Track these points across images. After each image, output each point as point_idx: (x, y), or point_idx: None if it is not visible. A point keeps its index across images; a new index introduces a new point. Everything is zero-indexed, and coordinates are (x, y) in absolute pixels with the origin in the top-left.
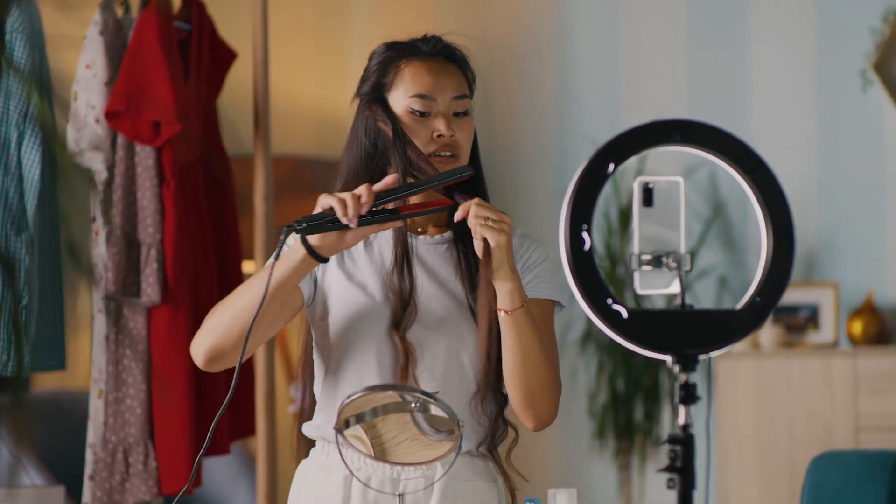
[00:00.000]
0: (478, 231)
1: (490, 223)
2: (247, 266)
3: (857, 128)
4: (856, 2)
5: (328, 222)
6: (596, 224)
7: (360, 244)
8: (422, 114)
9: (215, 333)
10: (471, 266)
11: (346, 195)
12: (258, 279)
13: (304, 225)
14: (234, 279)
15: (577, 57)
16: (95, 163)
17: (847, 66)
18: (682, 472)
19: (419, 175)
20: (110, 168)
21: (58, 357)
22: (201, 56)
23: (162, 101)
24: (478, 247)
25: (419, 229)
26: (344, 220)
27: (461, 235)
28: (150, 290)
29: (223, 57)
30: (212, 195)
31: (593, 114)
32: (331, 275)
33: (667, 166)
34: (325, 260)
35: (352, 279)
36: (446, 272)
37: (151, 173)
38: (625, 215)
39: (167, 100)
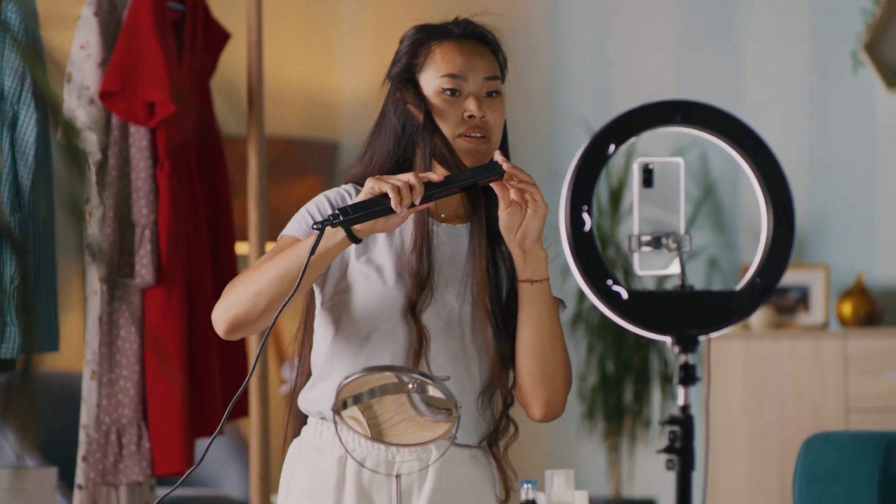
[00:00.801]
0: (522, 194)
1: (535, 192)
2: (240, 247)
3: (848, 109)
4: None
5: (374, 210)
6: None
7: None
8: (453, 93)
9: (240, 305)
10: (488, 260)
11: (400, 183)
12: (289, 255)
13: (350, 216)
14: (227, 260)
15: (567, 38)
16: (90, 144)
17: (838, 48)
18: (682, 453)
19: (444, 162)
20: (104, 149)
21: (51, 338)
22: (195, 36)
23: (156, 81)
24: (505, 220)
25: (442, 215)
26: (397, 209)
27: (480, 228)
28: (144, 270)
29: (217, 37)
30: (205, 176)
31: (584, 95)
32: (350, 250)
33: (656, 147)
34: (360, 241)
35: (370, 259)
36: (464, 263)
37: (145, 154)
38: (615, 196)
39: (161, 80)
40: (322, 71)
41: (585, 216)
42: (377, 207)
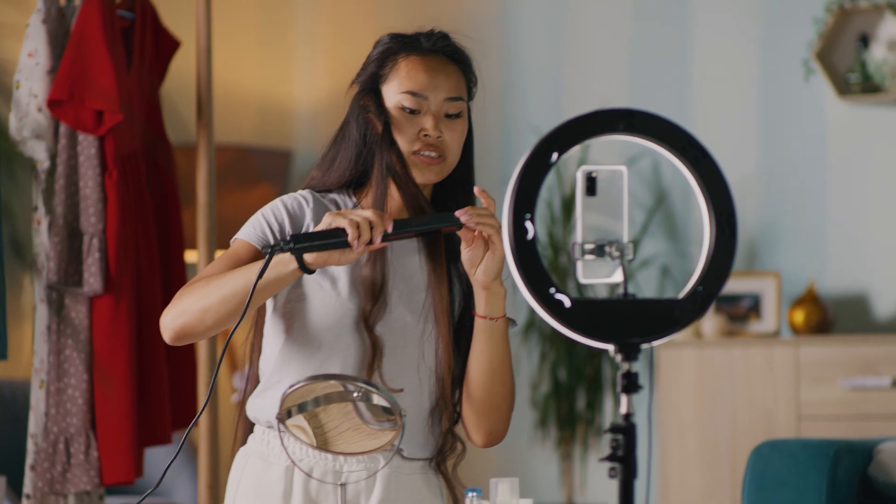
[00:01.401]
0: (487, 231)
1: (495, 234)
2: (189, 255)
3: (799, 117)
4: None
5: (328, 242)
6: (539, 213)
7: None
8: (412, 111)
9: (187, 316)
10: (442, 275)
11: (360, 219)
12: (239, 276)
13: (302, 244)
14: (176, 268)
15: (520, 46)
16: (38, 152)
17: (790, 56)
18: (624, 461)
19: (397, 179)
20: (53, 157)
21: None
22: (144, 44)
23: (105, 89)
24: (468, 256)
25: None
26: (353, 244)
27: (435, 244)
28: (93, 279)
29: (166, 45)
30: (155, 184)
31: (536, 103)
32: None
33: (610, 155)
34: (312, 272)
35: (324, 269)
36: (418, 278)
37: (94, 162)
38: (568, 205)
39: (110, 88)
40: (276, 78)
41: (528, 224)
42: (332, 240)
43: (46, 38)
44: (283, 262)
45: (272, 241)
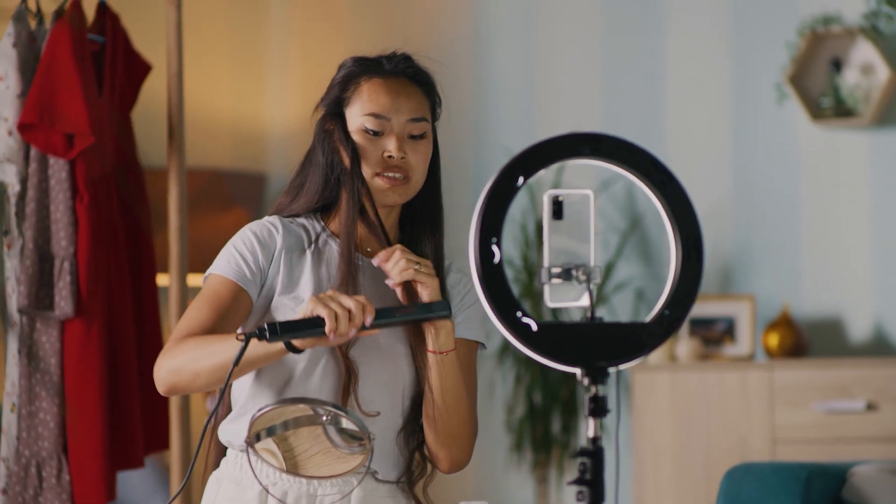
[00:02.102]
0: (406, 277)
1: (421, 268)
2: (161, 279)
3: (772, 141)
4: (772, 16)
5: (305, 332)
6: (513, 236)
7: (308, 260)
8: (375, 133)
9: (179, 377)
10: (413, 296)
11: (340, 310)
12: (226, 349)
13: (278, 334)
14: (148, 292)
15: (493, 69)
16: (8, 175)
17: (763, 80)
18: (592, 484)
19: (362, 212)
20: (23, 181)
21: None
22: (115, 68)
23: (75, 113)
24: (400, 293)
25: (368, 249)
26: (330, 337)
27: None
28: (64, 303)
29: (137, 69)
30: (126, 208)
31: (510, 125)
32: (276, 279)
33: (583, 179)
34: (300, 351)
35: (297, 296)
36: (388, 300)
37: (65, 186)
38: (542, 228)
39: (81, 112)
40: (249, 102)
41: (495, 248)
42: (309, 329)
43: (17, 62)
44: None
45: (248, 275)
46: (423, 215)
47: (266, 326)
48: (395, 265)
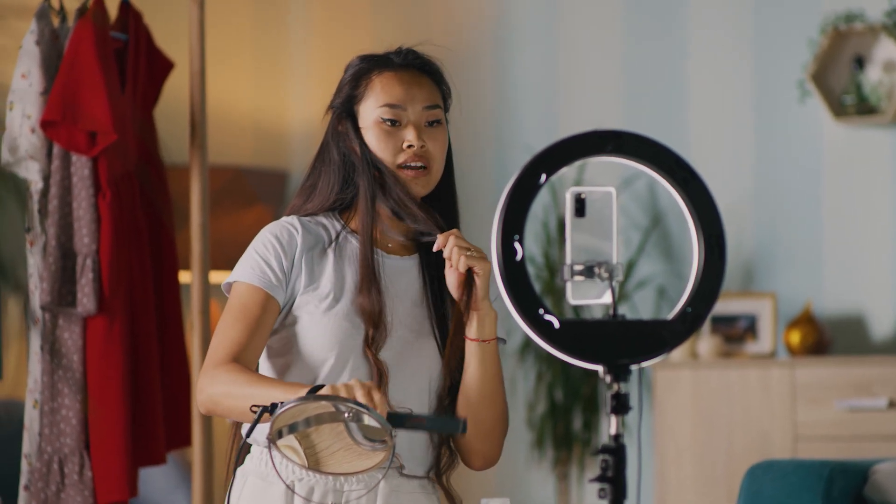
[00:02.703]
0: (462, 261)
1: (473, 253)
2: (183, 276)
3: (795, 139)
4: (794, 13)
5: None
6: (535, 234)
7: (330, 258)
8: (392, 123)
9: (215, 406)
10: (435, 293)
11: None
12: (260, 391)
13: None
14: (170, 289)
15: (514, 66)
16: (31, 172)
17: (785, 77)
18: (614, 481)
19: (388, 197)
20: (46, 178)
21: None
22: (138, 66)
23: (98, 110)
24: (452, 280)
25: (389, 245)
26: None
27: (428, 260)
28: (86, 299)
29: (160, 66)
30: (148, 205)
31: (531, 123)
32: (299, 280)
33: (605, 176)
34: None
35: (319, 293)
36: (412, 296)
37: (87, 183)
38: (564, 225)
39: (103, 110)
40: (271, 99)
41: (517, 245)
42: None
43: (40, 60)
44: (302, 391)
45: (274, 281)
46: (439, 209)
47: (278, 405)
48: (450, 253)
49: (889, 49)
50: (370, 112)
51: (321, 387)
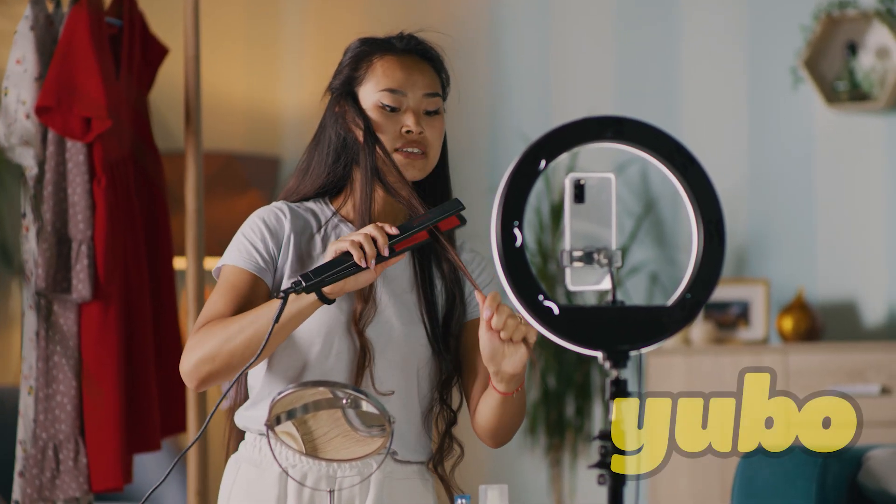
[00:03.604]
0: (519, 331)
1: (522, 322)
2: (178, 262)
3: (787, 125)
4: (787, 0)
5: (338, 270)
6: (528, 220)
7: (318, 244)
8: (392, 109)
9: (214, 363)
10: (426, 280)
11: (360, 237)
12: (263, 317)
13: (313, 280)
14: (165, 275)
15: (508, 53)
16: (26, 158)
17: (778, 64)
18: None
19: (384, 177)
20: (41, 164)
21: None
22: (132, 51)
23: (93, 96)
24: (488, 346)
25: None
26: (361, 264)
27: (418, 247)
28: (81, 286)
29: (154, 52)
30: (143, 191)
31: (525, 110)
32: (286, 264)
33: (598, 163)
34: (332, 301)
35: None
36: (403, 282)
37: (82, 169)
38: (557, 212)
39: (98, 95)
40: (264, 86)
41: (517, 231)
42: (340, 267)
43: (35, 45)
44: (301, 297)
45: (261, 263)
46: (432, 196)
47: (299, 277)
48: (503, 325)
49: (882, 35)
50: (370, 95)
51: (312, 271)
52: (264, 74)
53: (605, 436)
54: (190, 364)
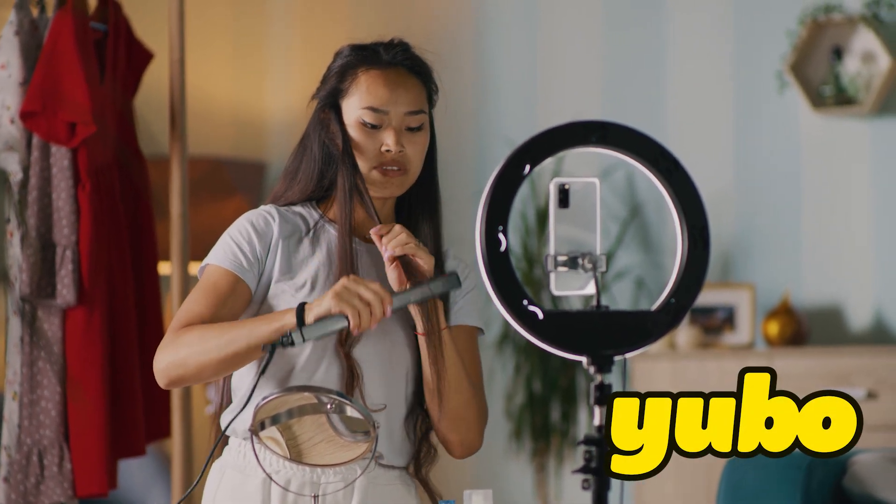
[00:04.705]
0: (407, 251)
1: (419, 245)
2: (163, 267)
3: (773, 129)
4: (773, 4)
5: (329, 331)
6: (513, 225)
7: (307, 246)
8: (373, 126)
9: (184, 369)
10: (410, 272)
11: (359, 304)
12: (241, 337)
13: (303, 338)
14: (150, 280)
15: (494, 58)
16: (10, 163)
17: (764, 68)
18: (598, 472)
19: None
20: (25, 169)
21: None
22: (117, 56)
23: (77, 101)
24: (394, 275)
25: (366, 236)
26: (355, 332)
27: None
28: (66, 291)
29: (139, 57)
30: (128, 196)
31: (511, 115)
32: (274, 267)
33: (584, 167)
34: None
35: (295, 281)
36: (387, 284)
37: (67, 174)
38: (542, 216)
39: (83, 100)
40: (250, 91)
41: (501, 236)
42: (334, 328)
43: (19, 50)
44: (282, 319)
45: (245, 265)
46: (419, 202)
47: (290, 334)
48: (395, 238)
49: (867, 40)
50: (352, 111)
51: (305, 303)
52: (250, 79)
53: (590, 441)
54: (162, 364)
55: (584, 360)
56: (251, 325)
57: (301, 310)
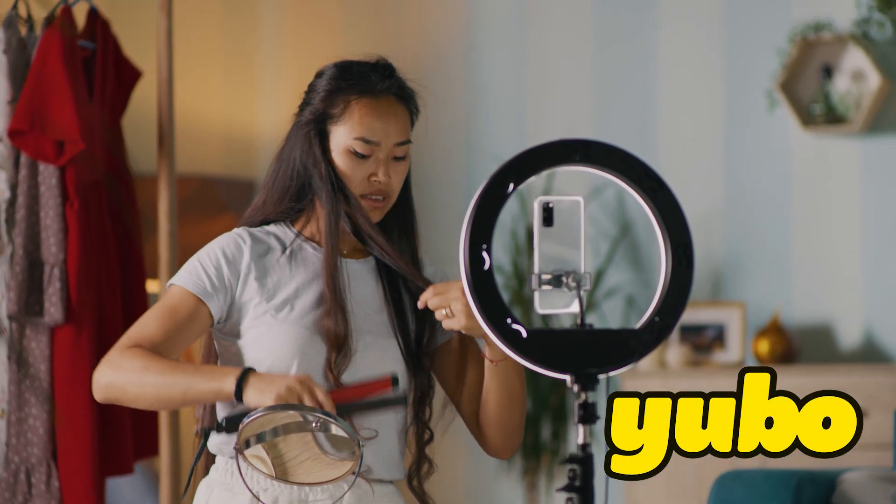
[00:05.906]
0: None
1: (451, 305)
2: (151, 285)
3: (764, 148)
4: (763, 23)
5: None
6: (504, 243)
7: (285, 265)
8: (362, 156)
9: (119, 393)
10: (395, 294)
11: (308, 401)
12: (180, 383)
13: (235, 428)
14: (138, 299)
15: (484, 76)
16: None
17: (754, 87)
18: (582, 491)
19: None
20: (13, 187)
21: None
22: (106, 75)
23: (66, 119)
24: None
25: (344, 251)
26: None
27: (387, 266)
28: (53, 309)
29: (128, 75)
30: (116, 214)
31: (501, 133)
32: (249, 292)
33: (574, 185)
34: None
35: (274, 302)
36: (373, 302)
37: (55, 192)
38: (532, 234)
39: (71, 119)
40: (239, 108)
41: (485, 255)
42: (255, 418)
43: (7, 69)
44: (226, 380)
45: (209, 288)
46: (396, 219)
47: (223, 421)
48: (438, 299)
49: (857, 58)
50: (343, 138)
51: (250, 370)
52: (240, 98)
53: (574, 459)
54: (103, 381)
55: (567, 378)
56: (191, 376)
57: (242, 379)
